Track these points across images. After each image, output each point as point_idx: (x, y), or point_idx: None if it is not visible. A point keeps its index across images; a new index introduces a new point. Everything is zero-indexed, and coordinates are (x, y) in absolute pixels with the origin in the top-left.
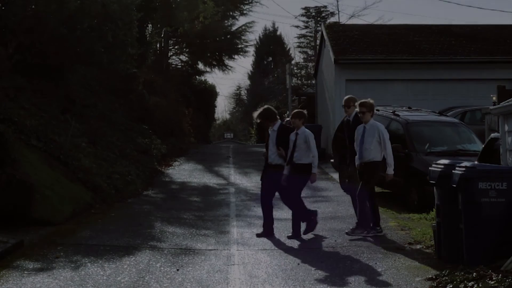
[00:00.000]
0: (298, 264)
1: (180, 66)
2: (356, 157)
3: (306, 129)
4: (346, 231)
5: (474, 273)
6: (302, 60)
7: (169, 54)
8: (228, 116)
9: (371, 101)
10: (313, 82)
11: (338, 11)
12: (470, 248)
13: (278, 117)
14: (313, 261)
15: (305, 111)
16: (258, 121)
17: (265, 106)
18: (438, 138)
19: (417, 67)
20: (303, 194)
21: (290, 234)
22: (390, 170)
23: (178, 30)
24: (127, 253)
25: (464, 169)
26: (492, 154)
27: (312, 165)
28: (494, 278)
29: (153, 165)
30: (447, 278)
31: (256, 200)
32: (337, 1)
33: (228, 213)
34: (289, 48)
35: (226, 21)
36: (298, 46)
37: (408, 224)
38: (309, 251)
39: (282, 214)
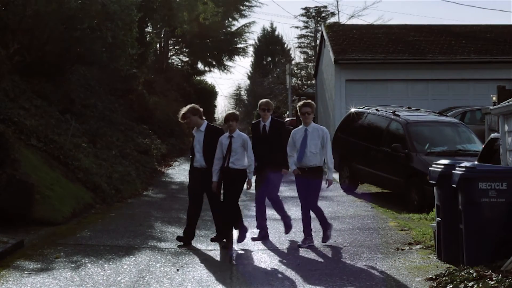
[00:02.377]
0: (298, 264)
1: (180, 66)
2: (292, 162)
3: (242, 133)
4: (298, 243)
5: (474, 273)
6: (302, 60)
7: (169, 54)
8: None
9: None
10: (313, 82)
11: (338, 11)
12: (470, 248)
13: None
14: (313, 261)
15: (237, 112)
16: (183, 121)
17: (190, 105)
18: (438, 138)
19: (417, 67)
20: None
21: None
22: (331, 175)
23: (177, 30)
24: (127, 253)
25: (464, 169)
26: (492, 154)
27: (247, 170)
28: (494, 278)
29: (153, 165)
30: (447, 278)
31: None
32: (337, 1)
33: None
34: (289, 48)
35: (226, 21)
36: (299, 46)
37: (408, 224)
38: (309, 251)
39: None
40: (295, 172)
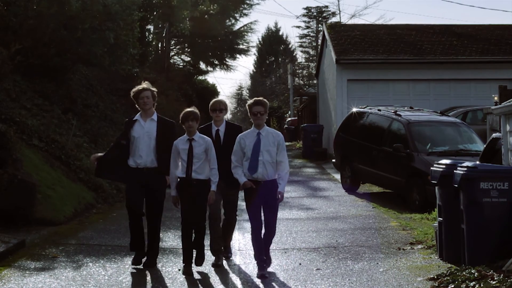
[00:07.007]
0: (300, 264)
1: (181, 66)
2: (241, 173)
3: (205, 136)
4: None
5: (476, 273)
6: (304, 60)
7: (170, 54)
8: (229, 116)
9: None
10: (315, 82)
11: (339, 11)
12: (471, 248)
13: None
14: (314, 261)
15: (197, 111)
16: (137, 99)
17: (150, 86)
18: (439, 138)
19: (419, 67)
20: (304, 193)
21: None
22: (283, 187)
23: (178, 29)
24: (129, 253)
25: (465, 169)
26: (493, 154)
27: (211, 180)
28: (495, 278)
29: None
30: (448, 278)
31: None
32: (338, 1)
33: None
34: (294, 49)
35: (227, 21)
36: (300, 46)
37: (410, 224)
38: (311, 251)
39: (284, 214)
40: (247, 185)
